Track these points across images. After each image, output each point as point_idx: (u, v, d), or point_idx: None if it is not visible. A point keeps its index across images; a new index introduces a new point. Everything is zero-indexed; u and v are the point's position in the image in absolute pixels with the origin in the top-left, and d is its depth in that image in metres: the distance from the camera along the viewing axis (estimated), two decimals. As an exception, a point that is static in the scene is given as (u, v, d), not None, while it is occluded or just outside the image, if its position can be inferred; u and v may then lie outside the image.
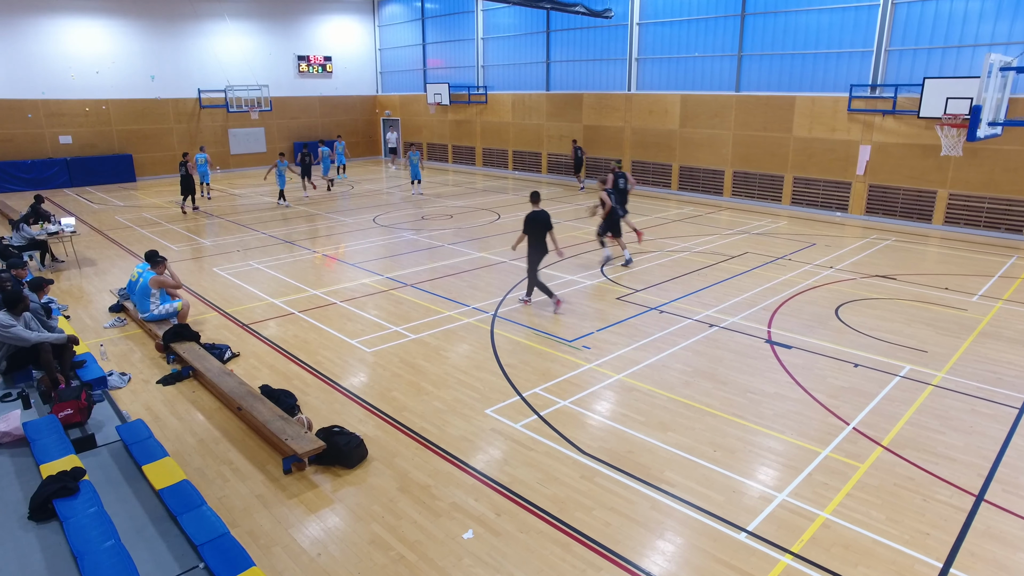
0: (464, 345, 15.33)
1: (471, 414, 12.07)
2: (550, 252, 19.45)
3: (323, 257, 23.60)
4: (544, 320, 16.76)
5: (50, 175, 42.24)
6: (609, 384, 13.17)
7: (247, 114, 49.41)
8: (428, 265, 22.23)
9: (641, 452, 10.80)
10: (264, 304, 18.46)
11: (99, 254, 24.52)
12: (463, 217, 30.40)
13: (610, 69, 39.24)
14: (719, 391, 12.89)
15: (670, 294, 18.73)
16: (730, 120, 33.87)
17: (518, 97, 44.83)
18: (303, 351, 15.15)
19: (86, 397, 11.58)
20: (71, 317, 17.73)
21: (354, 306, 18.15)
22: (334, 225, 28.99)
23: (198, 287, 20.20)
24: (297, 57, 52.26)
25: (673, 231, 27.07)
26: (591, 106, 40.14)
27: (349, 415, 12.16)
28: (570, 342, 15.34)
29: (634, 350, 14.86)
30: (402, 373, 13.85)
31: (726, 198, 34.73)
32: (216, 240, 26.46)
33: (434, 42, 51.28)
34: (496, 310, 17.60)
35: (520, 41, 44.52)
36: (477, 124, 48.24)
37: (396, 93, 55.37)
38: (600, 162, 40.14)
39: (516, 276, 20.67)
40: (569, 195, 36.71)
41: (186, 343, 14.88)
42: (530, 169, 45.15)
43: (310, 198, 36.13)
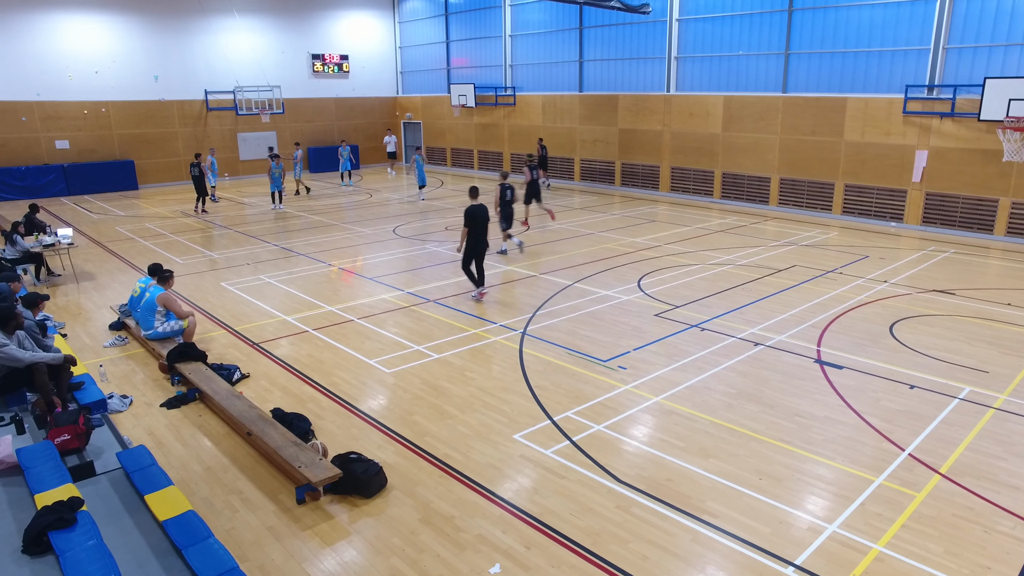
0: (491, 365, 15.35)
1: (498, 439, 12.08)
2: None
3: (339, 271, 23.69)
4: (578, 339, 16.75)
5: (46, 183, 42.30)
6: (646, 407, 13.15)
7: (257, 117, 49.53)
8: (452, 279, 22.27)
9: (681, 480, 10.77)
10: (276, 321, 18.55)
11: (98, 268, 24.67)
12: (490, 227, 30.16)
13: (648, 69, 39.26)
14: (765, 414, 12.84)
15: (712, 310, 18.69)
16: (776, 123, 33.80)
17: (549, 99, 44.91)
18: (318, 372, 15.20)
19: (84, 422, 11.46)
20: (68, 335, 17.75)
21: (372, 323, 18.20)
22: (351, 236, 29.11)
23: (205, 303, 20.31)
24: (311, 56, 52.46)
25: (715, 242, 27.03)
26: (627, 108, 40.16)
27: (367, 441, 12.17)
28: (605, 362, 15.33)
29: (673, 371, 14.83)
30: (424, 395, 13.87)
31: (772, 207, 34.64)
32: (224, 252, 26.64)
33: (459, 39, 51.48)
34: (525, 327, 17.61)
35: (551, 38, 44.63)
36: (505, 127, 48.36)
37: (418, 94, 55.58)
38: (637, 168, 40.16)
39: (547, 290, 20.69)
40: (604, 204, 36.74)
41: (192, 363, 14.89)
42: (562, 176, 45.17)
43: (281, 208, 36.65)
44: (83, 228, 31.88)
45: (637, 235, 28.33)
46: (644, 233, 28.76)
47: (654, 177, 39.68)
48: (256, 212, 35.63)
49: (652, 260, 24.20)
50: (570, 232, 29.04)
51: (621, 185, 41.38)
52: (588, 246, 26.47)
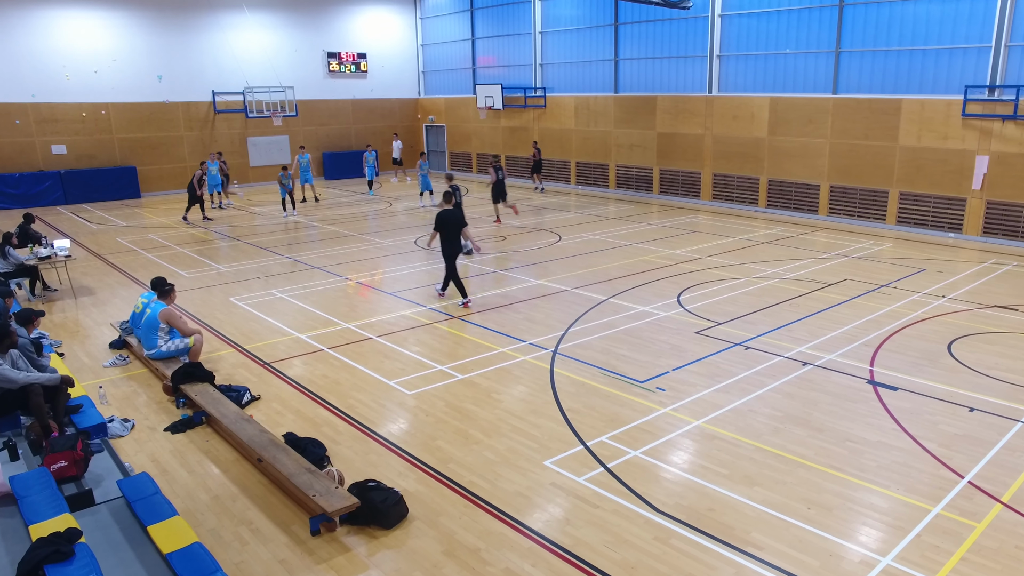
0: (519, 386, 15.38)
1: (527, 466, 12.10)
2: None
3: (356, 285, 23.82)
4: (613, 358, 16.78)
5: (41, 190, 42.37)
6: (687, 431, 13.14)
7: (269, 120, 49.48)
8: (478, 295, 22.35)
9: (724, 510, 10.76)
10: (288, 339, 18.65)
11: (98, 282, 24.85)
12: (518, 239, 30.56)
13: (688, 68, 39.32)
14: (814, 439, 12.81)
15: (757, 327, 18.68)
16: (826, 126, 33.73)
17: (582, 100, 45.02)
18: (333, 394, 15.26)
19: (83, 447, 11.36)
20: (65, 354, 17.84)
21: (392, 341, 18.28)
22: (369, 247, 29.27)
23: (212, 320, 20.44)
24: (327, 54, 52.63)
25: (761, 254, 27.01)
26: (666, 111, 40.18)
27: (387, 467, 12.21)
28: (642, 383, 15.34)
29: (715, 392, 14.83)
30: (448, 419, 13.91)
31: (822, 216, 34.55)
32: (233, 265, 26.80)
33: (485, 37, 51.71)
34: (557, 346, 17.64)
35: (584, 36, 44.78)
36: (534, 131, 48.43)
37: (441, 96, 55.83)
38: (676, 175, 40.15)
39: (580, 307, 20.73)
40: (641, 213, 36.77)
41: (198, 384, 14.90)
42: (596, 183, 45.25)
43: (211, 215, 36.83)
44: (81, 239, 32.12)
45: (677, 247, 28.33)
46: (684, 245, 28.76)
47: (695, 184, 39.69)
48: (267, 222, 35.90)
49: (693, 274, 24.21)
50: (605, 244, 29.09)
51: (660, 193, 41.39)
52: (624, 258, 26.50)
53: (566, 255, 27.25)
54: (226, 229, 33.98)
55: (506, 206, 34.49)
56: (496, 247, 28.59)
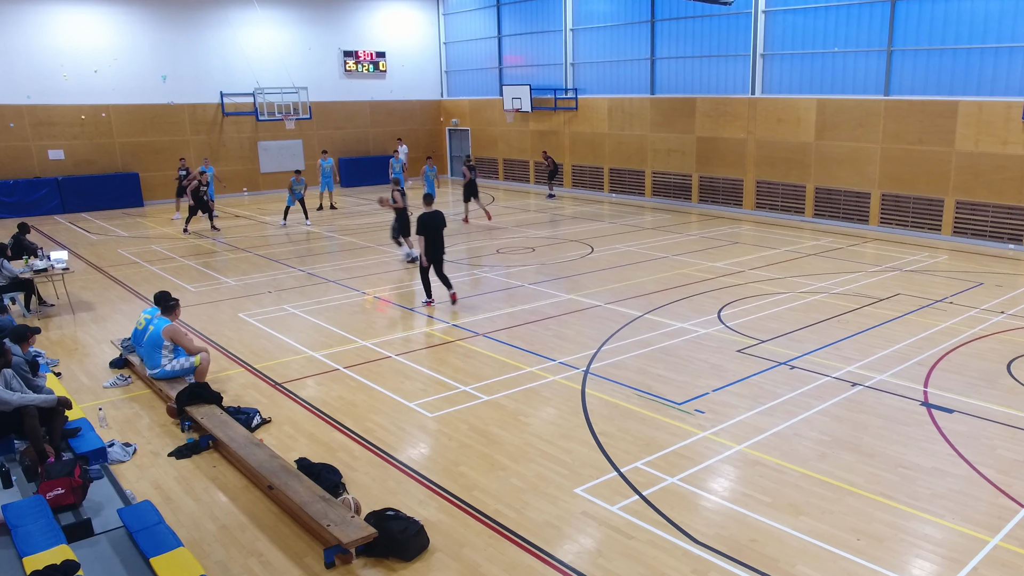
0: (549, 408, 15.42)
1: (557, 494, 12.12)
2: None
3: (374, 300, 23.95)
4: (648, 378, 16.79)
5: (37, 198, 42.32)
6: (728, 456, 13.16)
7: (281, 123, 48.98)
8: (504, 310, 22.43)
9: (767, 541, 10.77)
10: (301, 358, 18.73)
11: (98, 296, 24.95)
12: (548, 250, 30.63)
13: (729, 68, 39.36)
14: (863, 465, 12.79)
15: (803, 345, 18.66)
16: (877, 130, 33.65)
17: (616, 102, 45.11)
18: (349, 416, 15.31)
19: (81, 473, 11.29)
20: (63, 374, 17.84)
21: (413, 360, 18.34)
22: (388, 260, 29.37)
23: (220, 337, 20.52)
24: (343, 53, 52.76)
25: (807, 267, 26.97)
26: (706, 113, 40.22)
27: (406, 495, 12.23)
28: (680, 405, 15.35)
29: (758, 415, 14.83)
30: (472, 443, 13.95)
31: (873, 227, 34.46)
32: (242, 278, 26.89)
33: (512, 34, 51.88)
34: (588, 365, 17.66)
35: (618, 33, 44.88)
36: (565, 135, 48.59)
37: (465, 97, 56.06)
38: (717, 182, 40.11)
39: (614, 323, 20.75)
40: (679, 223, 36.77)
41: (205, 406, 14.85)
42: (631, 191, 45.32)
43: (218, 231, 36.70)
44: (80, 250, 32.26)
45: (717, 259, 28.33)
46: (725, 257, 28.76)
47: (737, 192, 39.71)
48: (279, 232, 36.11)
49: (734, 288, 24.21)
50: (640, 256, 29.12)
51: (699, 202, 41.41)
52: (661, 272, 26.51)
53: (599, 268, 27.30)
54: (235, 240, 34.11)
55: (477, 205, 37.65)
56: (523, 259, 28.70)
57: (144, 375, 17.05)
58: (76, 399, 15.92)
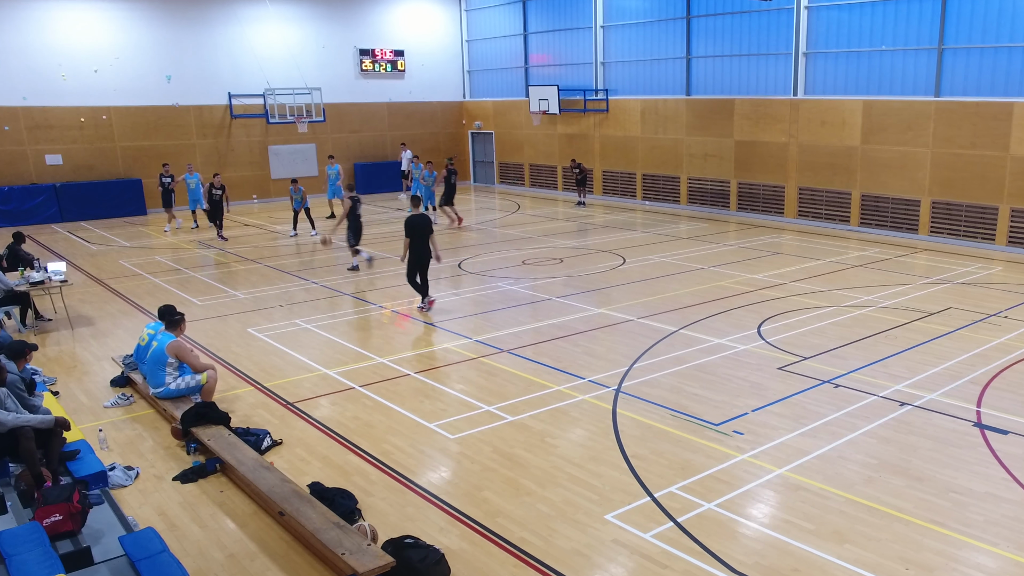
0: (577, 430, 15.45)
1: (587, 520, 12.15)
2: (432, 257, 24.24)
3: (392, 314, 24.06)
4: (684, 397, 16.81)
5: (33, 206, 42.34)
6: (768, 481, 13.18)
7: (293, 126, 48.76)
8: (530, 325, 22.50)
9: (810, 570, 10.78)
10: (315, 376, 18.79)
11: (98, 310, 25.05)
12: (577, 261, 30.70)
13: (770, 67, 39.36)
14: (912, 490, 12.78)
15: (848, 362, 18.64)
16: (927, 134, 33.55)
17: (649, 104, 45.13)
18: (366, 438, 15.34)
19: (80, 499, 11.23)
20: (60, 393, 17.84)
21: (433, 379, 18.41)
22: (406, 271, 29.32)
23: (228, 353, 20.60)
24: (359, 52, 52.77)
25: (853, 279, 26.95)
26: (745, 116, 40.23)
27: (426, 522, 12.26)
28: (717, 426, 15.38)
29: (801, 436, 14.83)
30: (496, 467, 13.99)
31: (923, 236, 34.36)
32: (252, 291, 27.02)
33: (539, 31, 51.97)
34: (620, 384, 17.69)
35: (652, 30, 44.92)
36: (595, 139, 48.66)
37: (488, 98, 56.18)
38: (757, 189, 40.07)
39: (647, 339, 20.78)
40: (717, 233, 36.78)
41: (212, 427, 14.84)
42: (665, 198, 45.30)
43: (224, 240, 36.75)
44: (79, 262, 32.42)
45: (757, 271, 28.35)
46: (765, 268, 28.77)
47: (778, 200, 39.68)
48: (290, 242, 36.29)
49: (775, 301, 24.22)
50: (675, 267, 29.17)
51: (737, 210, 41.44)
52: (697, 284, 26.55)
53: (631, 280, 27.34)
54: (244, 250, 34.26)
55: (450, 210, 39.89)
56: (550, 271, 28.77)
57: (147, 394, 17.05)
58: (75, 420, 15.83)
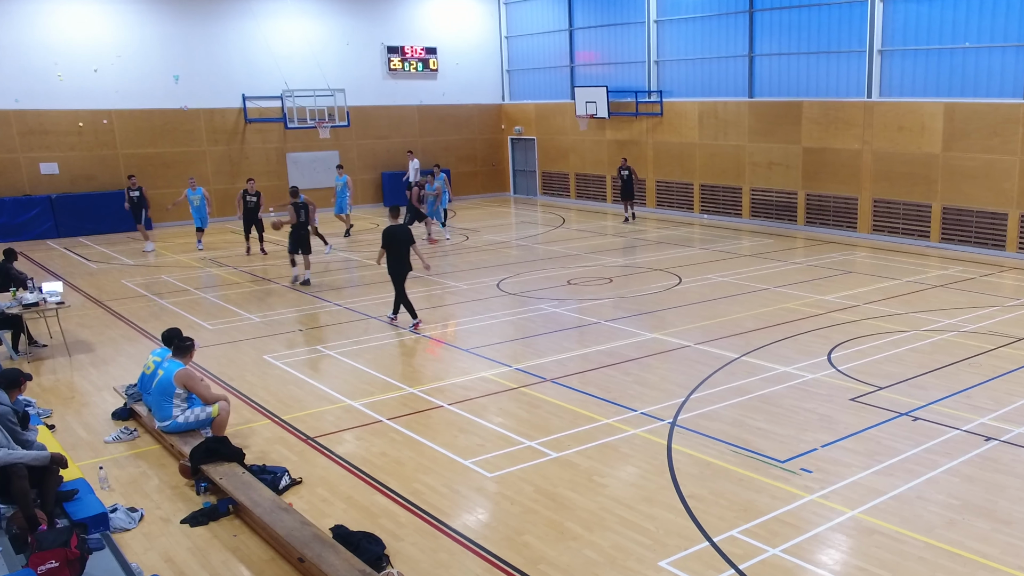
0: (629, 467, 15.49)
1: (639, 567, 12.17)
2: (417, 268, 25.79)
3: (424, 339, 24.17)
4: (746, 432, 16.82)
5: (26, 220, 42.05)
6: (839, 524, 13.17)
7: (314, 131, 48.21)
8: (576, 351, 22.55)
9: (884, 623, 10.78)
10: (338, 408, 18.84)
11: (98, 335, 25.18)
12: (627, 281, 30.79)
13: (841, 66, 39.31)
14: (999, 534, 12.75)
15: (928, 393, 18.59)
16: (1016, 140, 33.42)
17: (707, 107, 45.15)
18: (395, 476, 15.35)
19: (78, 543, 11.25)
20: (56, 427, 17.86)
21: (469, 411, 18.42)
22: (439, 292, 29.70)
23: (242, 383, 20.66)
24: (387, 49, 52.71)
25: (933, 301, 26.89)
26: (814, 120, 40.15)
27: (461, 569, 12.31)
28: (782, 463, 15.38)
29: (875, 475, 14.82)
30: (538, 508, 14.02)
31: (1010, 253, 34.23)
32: (268, 314, 27.14)
33: (586, 27, 52.04)
34: (676, 416, 17.70)
35: (711, 25, 44.96)
36: (648, 145, 48.67)
37: (530, 101, 56.21)
38: (827, 201, 39.98)
39: (705, 367, 20.78)
40: (783, 249, 36.77)
41: (224, 465, 14.78)
42: (725, 211, 45.32)
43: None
44: (77, 281, 32.57)
45: (827, 291, 28.31)
46: (836, 289, 28.72)
47: (850, 213, 39.62)
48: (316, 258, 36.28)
49: (847, 325, 24.19)
50: (737, 287, 29.22)
51: (805, 224, 41.37)
52: (761, 306, 26.58)
53: (688, 302, 27.36)
54: (259, 268, 34.37)
55: (428, 223, 40.38)
56: (598, 291, 28.86)
57: (152, 428, 17.05)
58: (72, 456, 15.64)
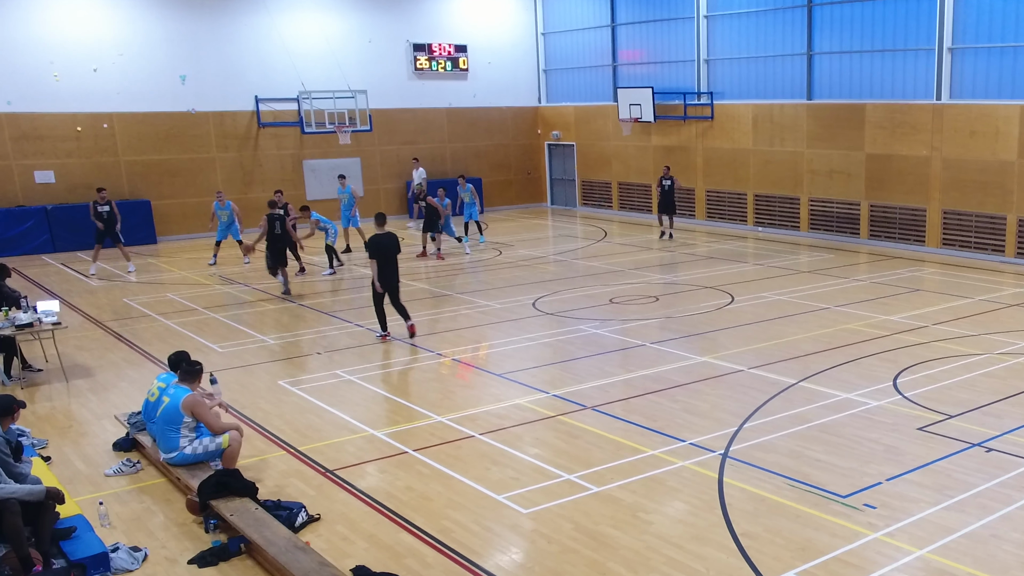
0: (676, 503, 15.48)
1: (688, 609, 12.19)
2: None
3: (453, 363, 24.22)
4: (805, 464, 16.77)
5: (20, 233, 41.96)
6: (906, 564, 13.13)
7: (333, 136, 48.27)
8: (619, 376, 22.58)
9: (955, 673, 10.78)
10: (359, 438, 18.89)
11: (98, 359, 25.24)
12: (675, 300, 30.82)
13: (908, 65, 39.21)
14: (1083, 579, 12.76)
15: (1003, 422, 18.53)
16: (1103, 144, 33.33)
17: (762, 109, 45.12)
18: (421, 512, 15.34)
19: None
20: (53, 459, 17.89)
21: (502, 441, 18.43)
22: (470, 311, 29.78)
23: (255, 411, 20.68)
24: (413, 47, 52.70)
25: (1009, 321, 26.85)
26: (878, 124, 40.05)
27: (495, 612, 12.37)
28: (844, 498, 15.35)
29: (946, 511, 14.76)
30: (578, 547, 14.02)
31: (1098, 268, 34.08)
32: (283, 335, 27.30)
33: (630, 22, 52.10)
34: (727, 447, 17.70)
35: (766, 20, 44.93)
36: (697, 152, 48.65)
37: (568, 103, 56.23)
38: (892, 212, 39.86)
39: (760, 393, 20.77)
40: (844, 265, 36.70)
41: (236, 500, 14.74)
42: (782, 223, 45.28)
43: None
44: (75, 300, 32.67)
45: (892, 311, 28.26)
46: (903, 308, 28.65)
47: (918, 225, 39.51)
48: (329, 276, 36.59)
49: (915, 348, 24.15)
50: (794, 306, 29.21)
51: (869, 237, 41.29)
52: (820, 327, 26.55)
53: (740, 322, 27.39)
54: (273, 286, 34.17)
55: (434, 241, 40.50)
56: (643, 311, 28.90)
57: (157, 460, 17.03)
58: (70, 491, 15.58)
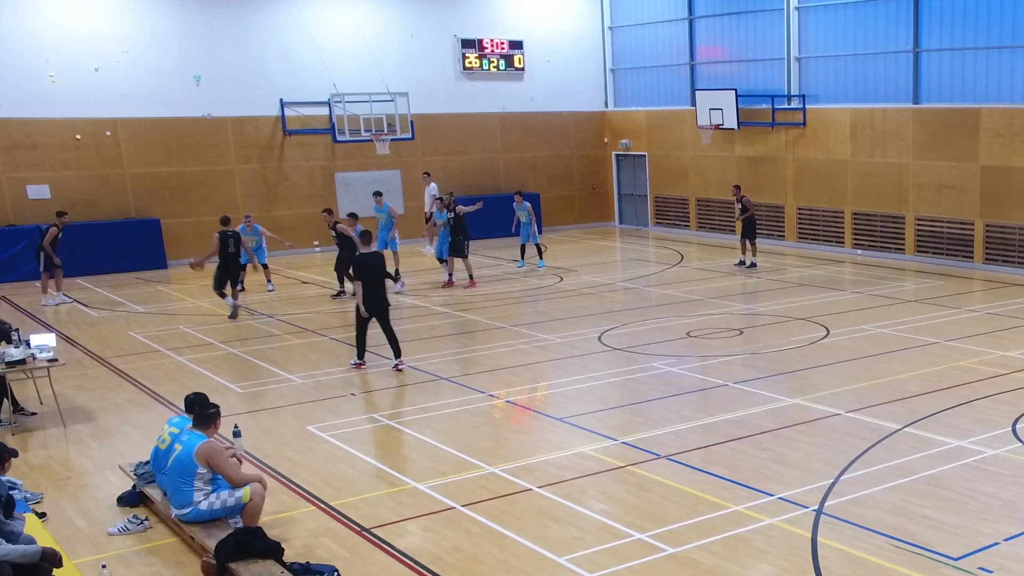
0: (764, 566, 15.41)
1: None
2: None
3: (507, 405, 24.25)
4: (910, 522, 16.65)
5: (10, 257, 41.87)
6: (1028, 639, 13.09)
7: (370, 145, 47.80)
8: (698, 421, 22.51)
9: None
10: (399, 491, 18.87)
11: (100, 400, 25.24)
12: (762, 333, 30.87)
13: (1028, 64, 39.02)
14: None
15: None
16: None
17: (861, 115, 44.97)
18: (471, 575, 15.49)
19: None
20: (48, 515, 17.84)
21: (563, 495, 18.37)
22: (527, 346, 29.77)
23: (280, 460, 20.66)
24: (461, 44, 52.65)
25: None
26: (995, 132, 39.82)
27: None
28: (955, 560, 15.22)
29: (1075, 579, 14.72)
30: (652, 615, 14.07)
31: None
32: (312, 375, 27.19)
33: (710, 15, 52.07)
34: (822, 502, 17.61)
35: (865, 13, 44.76)
36: (787, 163, 48.55)
37: (639, 108, 56.16)
38: (1012, 232, 39.62)
39: (860, 440, 20.62)
40: (957, 293, 36.44)
41: (258, 562, 14.73)
42: (884, 245, 45.17)
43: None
44: (73, 333, 32.80)
45: (1012, 346, 28.06)
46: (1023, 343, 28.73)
47: (1042, 248, 39.32)
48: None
49: (1038, 389, 24.11)
50: (898, 341, 29.04)
51: (985, 262, 41.07)
52: (928, 364, 26.41)
53: (837, 359, 27.28)
54: (301, 318, 34.44)
55: (464, 262, 40.37)
56: (725, 346, 28.86)
57: (168, 516, 16.98)
58: (68, 551, 15.48)
